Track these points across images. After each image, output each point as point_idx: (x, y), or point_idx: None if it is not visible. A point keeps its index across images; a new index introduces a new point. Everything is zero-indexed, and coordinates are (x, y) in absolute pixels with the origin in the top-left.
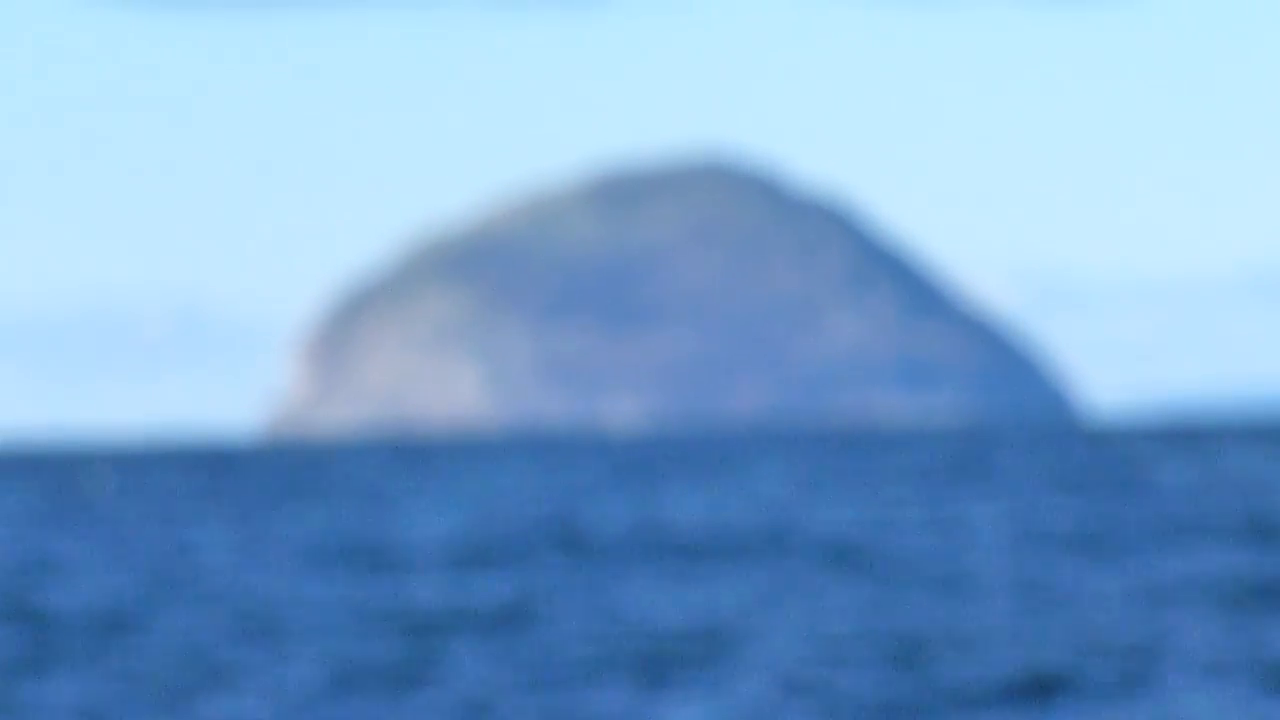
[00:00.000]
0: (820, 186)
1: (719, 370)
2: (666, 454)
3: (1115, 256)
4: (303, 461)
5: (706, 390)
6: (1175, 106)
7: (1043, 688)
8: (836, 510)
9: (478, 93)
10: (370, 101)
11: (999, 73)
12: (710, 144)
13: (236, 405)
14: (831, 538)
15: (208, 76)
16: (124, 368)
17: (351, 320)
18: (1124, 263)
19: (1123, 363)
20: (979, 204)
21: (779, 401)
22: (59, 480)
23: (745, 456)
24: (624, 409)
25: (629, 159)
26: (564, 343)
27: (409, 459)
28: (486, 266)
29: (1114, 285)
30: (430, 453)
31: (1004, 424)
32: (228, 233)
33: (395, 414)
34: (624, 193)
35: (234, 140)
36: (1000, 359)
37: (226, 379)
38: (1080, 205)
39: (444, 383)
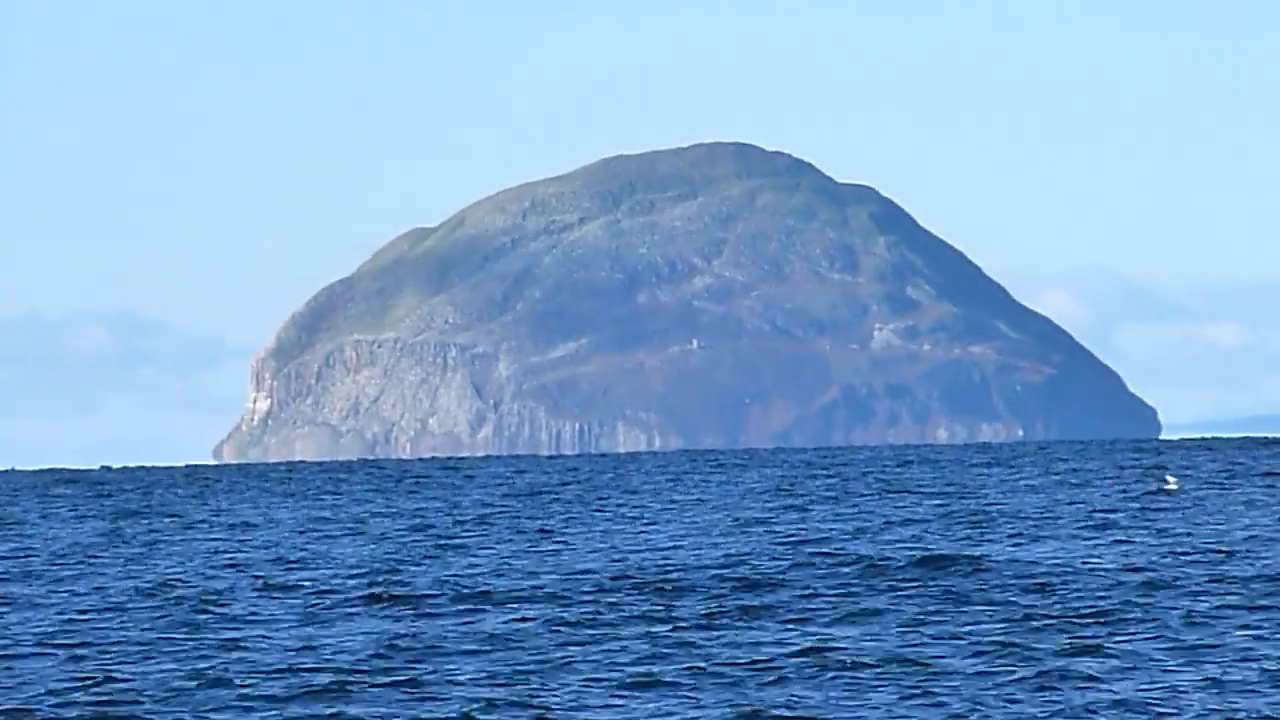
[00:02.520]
0: (858, 182)
1: (740, 389)
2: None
3: (1182, 264)
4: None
5: (724, 411)
6: (1244, 109)
7: None
8: None
9: (464, 75)
10: (343, 83)
11: (1058, 67)
12: (731, 134)
13: (187, 426)
14: None
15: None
16: (57, 386)
17: (317, 331)
18: (1192, 270)
19: (1199, 374)
20: (1034, 208)
21: (807, 425)
22: None
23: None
24: (626, 433)
25: (634, 149)
26: (558, 359)
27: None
28: (469, 272)
29: (1184, 294)
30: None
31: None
32: (175, 232)
33: (364, 435)
34: (628, 188)
35: (186, 130)
36: (1068, 372)
37: (174, 396)
38: (1144, 210)
39: (422, 401)
